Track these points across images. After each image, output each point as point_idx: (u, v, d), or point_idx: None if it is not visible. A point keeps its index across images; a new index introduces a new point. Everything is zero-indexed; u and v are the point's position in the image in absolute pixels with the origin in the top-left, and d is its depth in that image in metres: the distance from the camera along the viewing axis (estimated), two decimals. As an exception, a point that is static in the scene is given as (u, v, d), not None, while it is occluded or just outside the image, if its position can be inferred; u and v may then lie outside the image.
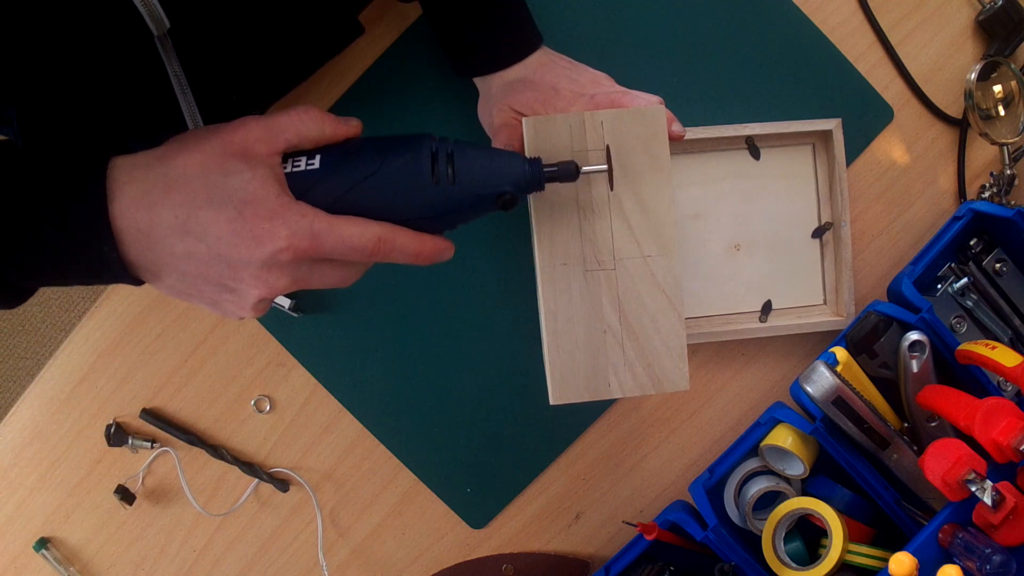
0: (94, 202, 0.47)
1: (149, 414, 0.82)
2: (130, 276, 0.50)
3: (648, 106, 0.63)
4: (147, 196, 0.48)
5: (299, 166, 0.51)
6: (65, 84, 0.60)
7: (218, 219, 0.48)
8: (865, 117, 0.83)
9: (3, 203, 0.47)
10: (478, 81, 0.75)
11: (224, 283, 0.50)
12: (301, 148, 0.52)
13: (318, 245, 0.49)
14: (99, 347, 0.82)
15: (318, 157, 0.51)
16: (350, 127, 0.53)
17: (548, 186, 0.56)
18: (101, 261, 0.48)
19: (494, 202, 0.53)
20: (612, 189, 0.60)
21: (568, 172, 0.55)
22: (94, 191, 0.47)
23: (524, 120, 0.60)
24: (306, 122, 0.51)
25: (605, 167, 0.57)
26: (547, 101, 0.68)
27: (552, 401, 0.61)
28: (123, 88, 0.66)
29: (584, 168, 0.56)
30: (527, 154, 0.60)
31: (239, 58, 0.70)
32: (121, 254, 0.48)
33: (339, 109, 0.81)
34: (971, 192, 0.85)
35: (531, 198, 0.61)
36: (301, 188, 0.50)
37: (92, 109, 0.67)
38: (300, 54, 0.77)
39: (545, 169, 0.54)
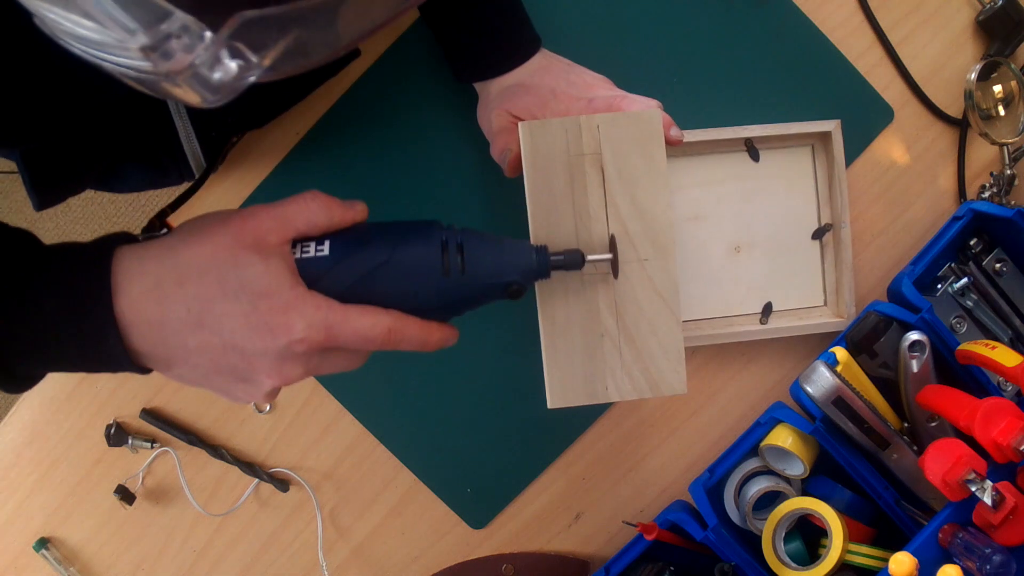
0: (98, 297, 0.47)
1: (149, 414, 0.82)
2: (136, 367, 0.50)
3: (644, 110, 0.63)
4: (158, 289, 0.48)
5: (308, 252, 0.51)
6: (65, 111, 0.60)
7: (233, 312, 0.48)
8: (865, 117, 0.83)
9: (8, 297, 0.47)
10: (477, 86, 0.75)
11: (238, 374, 0.50)
12: (310, 235, 0.52)
13: (332, 336, 0.49)
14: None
15: (327, 244, 0.52)
16: (356, 212, 0.53)
17: (543, 186, 0.57)
18: (107, 354, 0.48)
19: (503, 291, 0.54)
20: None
21: (574, 261, 0.56)
22: (99, 286, 0.47)
23: (520, 125, 0.60)
24: (315, 210, 0.51)
25: (609, 256, 0.58)
26: (545, 105, 0.68)
27: (550, 405, 0.61)
28: (121, 111, 0.66)
29: (589, 257, 0.57)
30: (523, 157, 0.60)
31: None
32: (128, 346, 0.48)
33: (334, 115, 0.81)
34: (971, 192, 0.85)
35: (529, 201, 0.61)
36: (311, 276, 0.51)
37: (91, 133, 0.67)
38: (294, 77, 0.77)
39: (552, 258, 0.56)
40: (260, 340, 0.48)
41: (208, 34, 0.32)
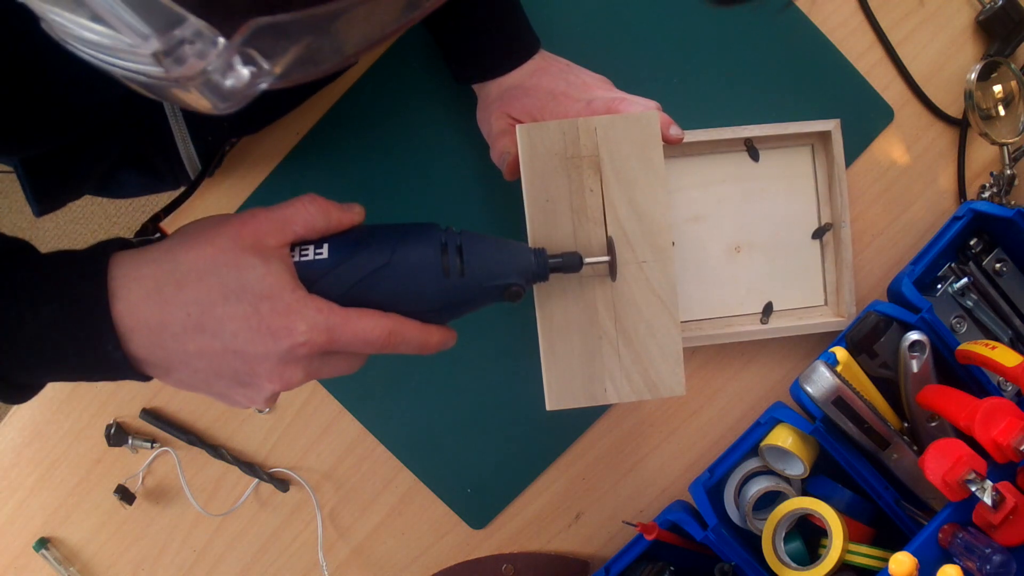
0: (95, 302, 0.47)
1: (149, 414, 0.82)
2: (136, 373, 0.49)
3: (642, 112, 0.63)
4: (158, 293, 0.47)
5: (307, 255, 0.51)
6: (62, 118, 0.60)
7: (234, 315, 0.47)
8: (865, 117, 0.83)
9: (5, 306, 0.47)
10: (476, 88, 0.74)
11: (238, 378, 0.49)
12: (308, 239, 0.52)
13: (333, 339, 0.49)
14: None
15: (326, 247, 0.51)
16: (354, 214, 0.53)
17: (541, 188, 0.57)
18: (105, 360, 0.48)
19: (502, 294, 0.54)
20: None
21: (572, 263, 0.56)
22: (95, 291, 0.47)
23: (518, 127, 0.60)
24: (313, 213, 0.51)
25: (607, 258, 0.59)
26: (544, 107, 0.68)
27: (548, 407, 0.61)
28: (117, 116, 0.65)
29: (587, 259, 0.57)
30: (521, 160, 0.60)
31: None
32: (127, 352, 0.48)
33: (333, 117, 0.81)
34: (971, 192, 0.85)
35: (527, 204, 0.61)
36: (311, 278, 0.50)
37: (89, 139, 0.66)
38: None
39: (551, 261, 0.56)
40: (262, 343, 0.48)
41: (221, 40, 0.32)
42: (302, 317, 0.48)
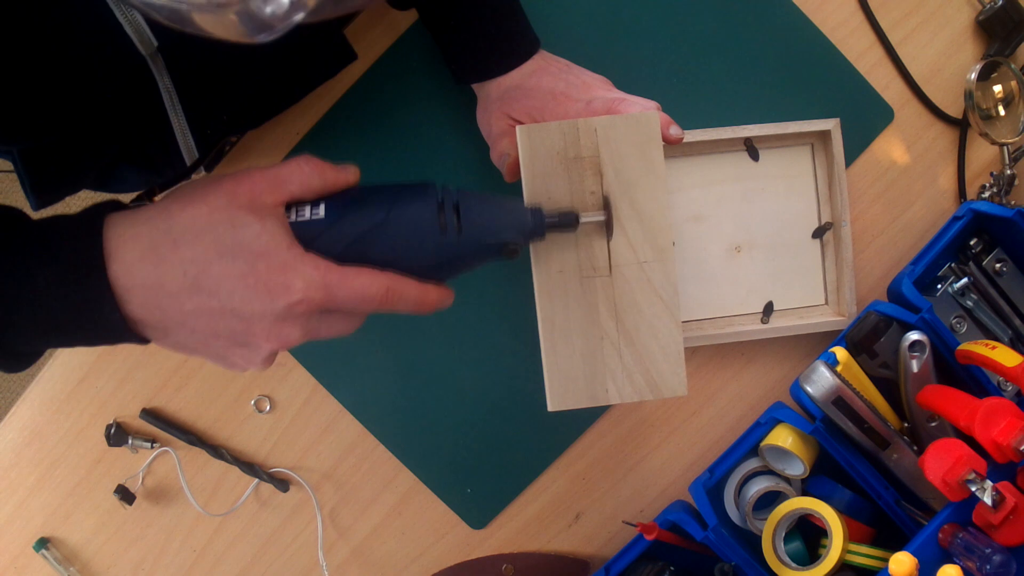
0: (91, 263, 0.46)
1: (149, 414, 0.82)
2: (134, 335, 0.49)
3: (642, 112, 0.63)
4: (154, 252, 0.47)
5: (304, 215, 0.51)
6: (61, 109, 0.60)
7: (230, 273, 0.47)
8: (865, 117, 0.83)
9: (1, 273, 0.47)
10: (476, 88, 0.74)
11: (236, 338, 0.49)
12: (304, 198, 0.51)
13: (331, 296, 0.49)
14: (99, 347, 0.82)
15: (322, 206, 0.51)
16: (349, 175, 0.53)
17: (541, 189, 0.57)
18: (103, 322, 0.47)
19: (499, 251, 0.54)
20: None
21: (568, 221, 0.57)
22: (91, 252, 0.47)
23: (518, 128, 0.60)
24: (308, 173, 0.51)
25: (603, 216, 0.59)
26: (544, 108, 0.68)
27: (550, 408, 0.61)
28: (118, 108, 0.65)
29: (583, 217, 0.57)
30: (521, 161, 0.60)
31: (230, 80, 0.69)
32: (125, 313, 0.47)
33: (334, 116, 0.81)
34: (971, 192, 0.85)
35: (525, 203, 0.61)
36: (307, 238, 0.50)
37: (88, 132, 0.66)
38: (291, 78, 0.77)
39: (547, 219, 0.56)
40: (259, 301, 0.48)
41: None
42: (299, 274, 0.48)
